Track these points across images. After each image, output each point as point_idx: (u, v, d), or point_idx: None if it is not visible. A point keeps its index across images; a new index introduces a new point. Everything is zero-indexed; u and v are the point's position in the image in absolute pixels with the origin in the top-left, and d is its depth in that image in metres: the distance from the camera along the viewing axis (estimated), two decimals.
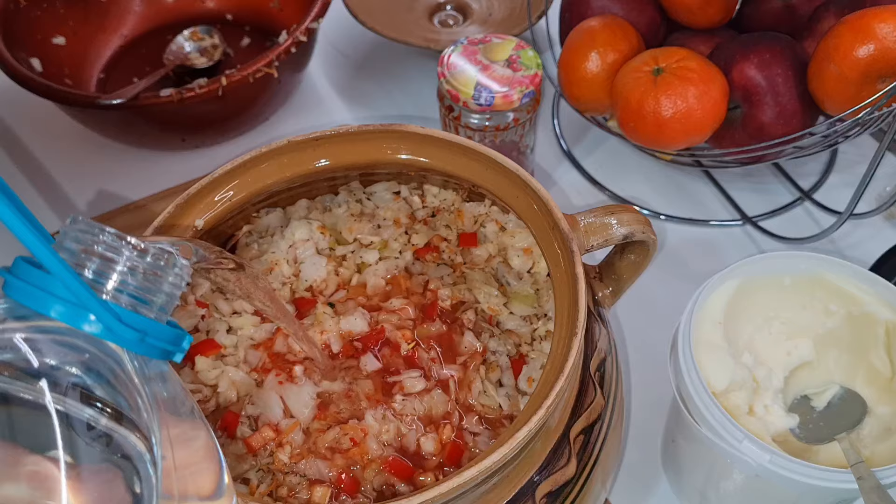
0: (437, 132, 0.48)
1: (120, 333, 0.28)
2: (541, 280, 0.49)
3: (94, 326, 0.27)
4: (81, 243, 0.28)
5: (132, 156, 0.80)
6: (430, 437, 0.42)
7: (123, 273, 0.28)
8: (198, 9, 0.91)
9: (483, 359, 0.46)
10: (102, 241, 0.28)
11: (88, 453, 0.26)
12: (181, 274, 0.30)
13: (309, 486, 0.41)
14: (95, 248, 0.28)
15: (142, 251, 0.29)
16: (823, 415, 0.50)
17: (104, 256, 0.28)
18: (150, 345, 0.29)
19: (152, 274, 0.29)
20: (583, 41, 0.68)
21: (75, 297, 0.27)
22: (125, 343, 0.28)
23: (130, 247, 0.28)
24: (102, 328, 0.27)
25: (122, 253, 0.28)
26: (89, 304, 0.27)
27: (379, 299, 0.48)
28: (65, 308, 0.27)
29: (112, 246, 0.28)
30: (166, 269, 0.29)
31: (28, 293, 0.27)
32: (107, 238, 0.28)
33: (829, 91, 0.60)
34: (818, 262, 0.51)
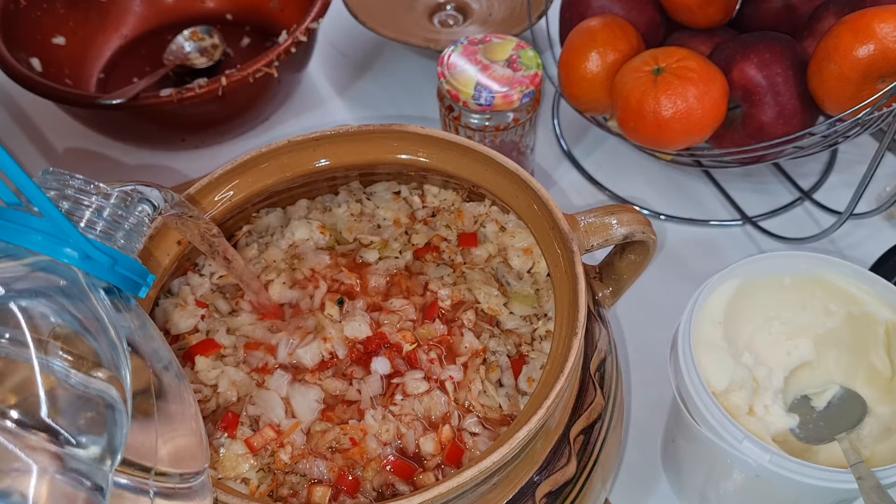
0: (437, 132, 0.48)
1: (95, 259, 0.30)
2: (541, 280, 0.49)
3: (72, 253, 0.29)
4: (54, 189, 0.31)
5: (132, 156, 0.80)
6: (430, 437, 0.42)
7: (92, 212, 0.31)
8: (198, 9, 0.91)
9: (483, 359, 0.46)
10: (72, 185, 0.31)
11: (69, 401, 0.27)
12: (142, 216, 0.33)
13: (309, 486, 0.41)
14: (67, 191, 0.31)
15: (107, 194, 0.31)
16: (823, 415, 0.50)
17: (75, 199, 0.31)
18: (120, 274, 0.31)
19: (118, 214, 0.32)
20: (583, 41, 0.68)
21: (53, 229, 0.29)
22: (99, 270, 0.30)
23: (97, 189, 0.31)
24: (79, 255, 0.29)
25: (91, 195, 0.31)
26: (69, 232, 0.29)
27: (380, 298, 0.48)
28: (43, 239, 0.29)
29: (82, 189, 0.31)
30: (130, 210, 0.32)
31: (7, 228, 0.29)
32: (76, 183, 0.31)
33: (829, 91, 0.60)
34: (818, 262, 0.51)
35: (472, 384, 0.44)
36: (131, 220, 0.32)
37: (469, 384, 0.44)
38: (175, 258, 0.46)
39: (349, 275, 0.49)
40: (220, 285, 0.49)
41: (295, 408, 0.44)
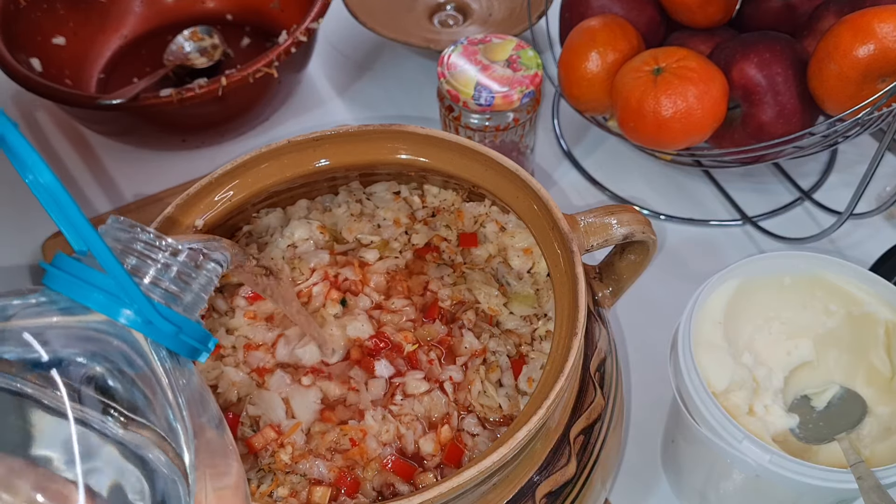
0: (437, 132, 0.48)
1: (159, 326, 0.28)
2: (541, 280, 0.49)
3: (134, 318, 0.27)
4: (121, 241, 0.29)
5: (132, 156, 0.80)
6: (430, 437, 0.42)
7: (158, 271, 0.29)
8: (198, 9, 0.91)
9: (483, 359, 0.46)
10: (141, 240, 0.29)
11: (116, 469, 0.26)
12: (211, 276, 0.31)
13: (309, 487, 0.41)
14: (134, 245, 0.29)
15: (175, 251, 0.29)
16: (823, 415, 0.50)
17: (142, 254, 0.29)
18: (183, 341, 0.29)
19: (184, 274, 0.30)
20: (583, 41, 0.68)
21: (115, 288, 0.27)
22: (162, 337, 0.28)
23: (166, 246, 0.29)
24: (142, 321, 0.27)
25: (158, 252, 0.29)
26: (133, 294, 0.27)
27: (381, 297, 0.48)
28: (105, 299, 0.27)
29: (149, 244, 0.29)
30: (198, 270, 0.30)
31: (69, 283, 0.27)
32: (145, 237, 0.29)
33: (829, 90, 0.60)
34: (818, 262, 0.51)
35: (472, 385, 0.44)
36: (200, 281, 0.30)
37: (469, 384, 0.44)
38: None
39: (357, 271, 0.49)
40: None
41: (294, 408, 0.44)
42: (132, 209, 0.75)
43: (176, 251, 0.29)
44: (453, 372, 0.45)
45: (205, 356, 0.30)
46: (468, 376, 0.45)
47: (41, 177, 0.26)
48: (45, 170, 0.26)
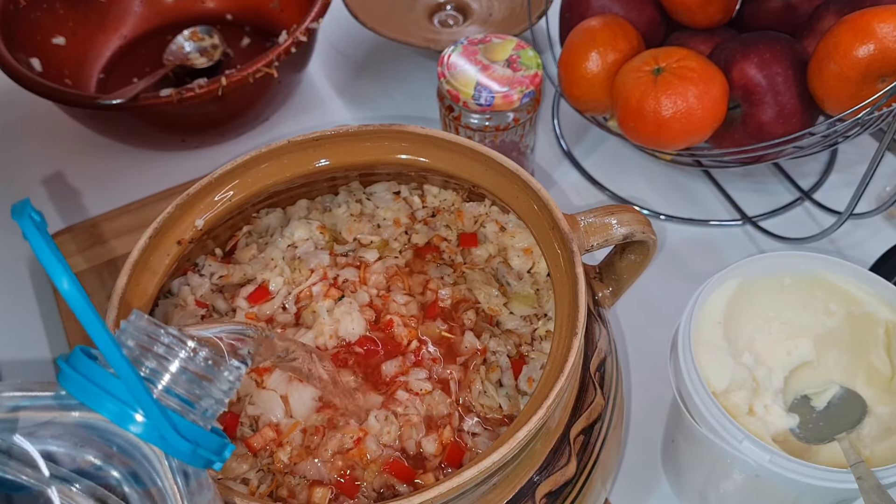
0: (437, 132, 0.48)
1: (174, 443, 0.26)
2: (541, 280, 0.49)
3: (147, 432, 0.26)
4: (140, 341, 0.28)
5: (132, 156, 0.80)
6: (431, 438, 0.42)
7: (177, 375, 0.27)
8: (198, 9, 0.91)
9: (483, 359, 0.46)
10: (162, 343, 0.27)
11: None
12: (232, 379, 0.29)
13: (309, 487, 0.41)
14: (154, 348, 0.27)
15: (196, 355, 0.28)
16: (823, 415, 0.50)
17: (161, 357, 0.27)
18: (200, 455, 0.28)
19: (205, 378, 0.28)
20: (583, 41, 0.68)
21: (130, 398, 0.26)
22: (177, 453, 0.27)
23: (188, 348, 0.28)
24: (156, 435, 0.26)
25: (180, 355, 0.28)
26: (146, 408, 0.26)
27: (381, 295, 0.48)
28: (117, 408, 0.26)
29: (171, 347, 0.28)
30: (219, 374, 0.29)
31: (82, 387, 0.26)
32: (167, 339, 0.28)
33: (829, 90, 0.60)
34: (818, 262, 0.51)
35: (473, 384, 0.44)
36: (221, 386, 0.28)
37: (469, 384, 0.44)
38: (175, 258, 0.46)
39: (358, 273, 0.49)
40: (220, 285, 0.50)
41: (292, 406, 0.44)
42: (132, 209, 0.75)
43: (196, 351, 0.28)
44: (455, 371, 0.45)
45: (219, 466, 0.29)
46: (468, 376, 0.45)
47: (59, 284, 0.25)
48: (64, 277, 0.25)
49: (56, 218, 0.75)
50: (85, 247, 0.72)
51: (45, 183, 0.79)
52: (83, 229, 0.73)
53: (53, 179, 0.79)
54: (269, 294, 0.49)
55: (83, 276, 0.69)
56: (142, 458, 0.26)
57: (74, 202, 0.76)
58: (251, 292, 0.48)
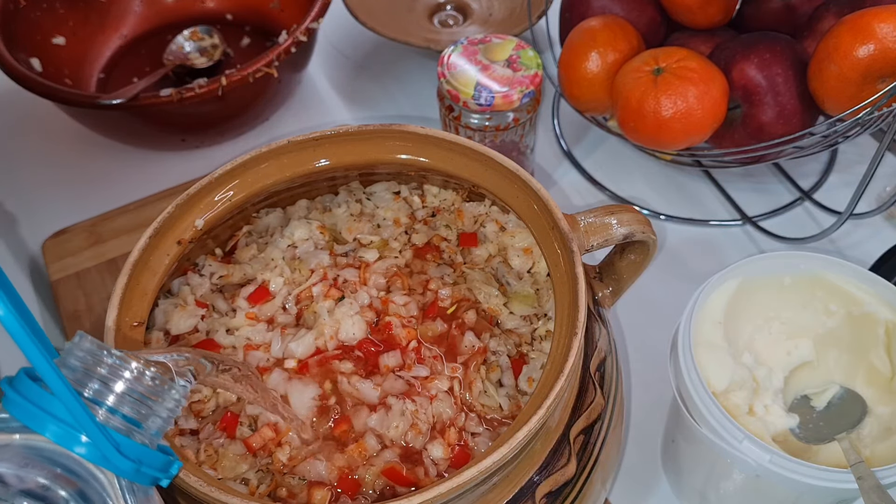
0: (437, 132, 0.48)
1: (116, 463, 0.27)
2: (541, 280, 0.49)
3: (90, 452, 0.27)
4: (84, 363, 0.28)
5: (132, 156, 0.80)
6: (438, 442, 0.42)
7: (122, 396, 0.28)
8: (198, 9, 0.91)
9: (483, 359, 0.46)
10: (106, 363, 0.28)
11: None
12: (179, 399, 0.30)
13: (309, 488, 0.41)
14: (98, 369, 0.28)
15: (141, 375, 0.28)
16: (823, 415, 0.50)
17: (105, 378, 0.28)
18: (144, 473, 0.28)
19: (151, 398, 0.29)
20: (583, 41, 0.68)
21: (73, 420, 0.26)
22: (120, 472, 0.27)
23: (133, 369, 0.28)
24: (99, 455, 0.27)
25: (124, 375, 0.28)
26: (88, 429, 0.26)
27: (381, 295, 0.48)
28: (60, 430, 0.27)
29: (115, 367, 0.28)
30: (165, 393, 0.29)
31: (26, 410, 0.27)
32: (111, 360, 0.28)
33: (829, 91, 0.60)
34: (818, 262, 0.51)
35: (473, 384, 0.44)
36: (167, 405, 0.29)
37: (470, 384, 0.44)
38: (175, 258, 0.46)
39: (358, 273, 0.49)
40: (220, 285, 0.49)
41: (292, 404, 0.44)
42: (132, 209, 0.75)
43: (141, 374, 0.28)
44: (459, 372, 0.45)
45: (166, 482, 0.30)
46: (469, 376, 0.45)
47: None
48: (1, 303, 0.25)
49: (56, 218, 0.75)
50: (85, 247, 0.72)
51: (45, 183, 0.79)
52: (83, 229, 0.73)
53: (53, 179, 0.79)
54: (270, 294, 0.49)
55: (84, 276, 0.70)
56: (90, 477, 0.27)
57: (74, 202, 0.76)
58: (251, 292, 0.48)
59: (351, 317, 0.46)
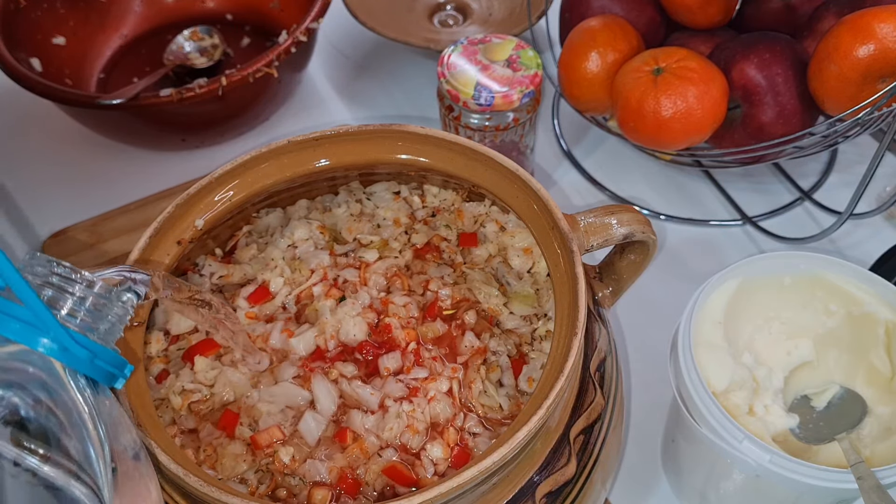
0: (437, 132, 0.48)
1: (74, 352, 0.29)
2: (541, 280, 0.49)
3: (50, 345, 0.29)
4: (38, 276, 0.30)
5: (132, 156, 0.80)
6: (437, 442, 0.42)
7: (74, 301, 0.31)
8: (198, 9, 0.91)
9: (483, 359, 0.46)
10: (57, 273, 0.31)
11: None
12: (126, 307, 0.32)
13: (309, 489, 0.41)
14: (51, 279, 0.30)
15: (91, 283, 0.31)
16: (823, 415, 0.50)
17: (58, 287, 0.30)
18: (99, 367, 0.31)
19: (99, 304, 0.31)
20: (583, 41, 0.68)
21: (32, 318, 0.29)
22: (77, 363, 0.30)
23: (82, 278, 0.31)
24: (57, 347, 0.29)
25: (74, 284, 0.31)
26: (49, 322, 0.29)
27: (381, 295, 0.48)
28: (21, 328, 0.29)
29: (66, 277, 0.31)
30: (113, 301, 0.32)
31: None
32: (61, 270, 0.31)
33: (829, 91, 0.60)
34: (818, 262, 0.51)
35: (473, 384, 0.44)
36: (115, 311, 0.32)
37: (470, 384, 0.44)
38: (175, 258, 0.46)
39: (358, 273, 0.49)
40: (220, 285, 0.49)
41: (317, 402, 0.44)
42: (132, 209, 0.75)
43: (91, 283, 0.31)
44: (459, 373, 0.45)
45: (120, 382, 0.32)
46: (469, 376, 0.45)
47: None
48: None
49: (56, 218, 0.75)
50: (85, 246, 0.72)
51: (45, 183, 0.79)
52: (83, 229, 0.73)
53: (53, 179, 0.79)
54: (270, 294, 0.49)
55: None
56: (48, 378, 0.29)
57: (74, 202, 0.76)
58: (251, 292, 0.48)
59: (353, 317, 0.46)
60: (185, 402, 0.43)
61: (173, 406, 0.43)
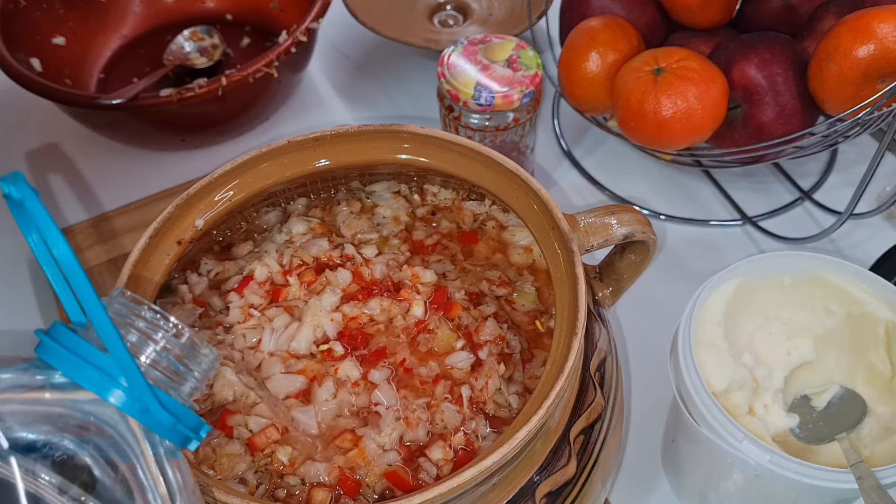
0: (437, 132, 0.48)
1: (156, 415, 0.26)
2: (541, 278, 0.49)
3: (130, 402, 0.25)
4: (122, 316, 0.27)
5: (132, 156, 0.80)
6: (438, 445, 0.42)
7: (160, 352, 0.27)
8: (198, 9, 0.91)
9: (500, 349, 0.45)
10: (143, 318, 0.27)
11: None
12: (212, 360, 0.29)
13: (310, 489, 0.41)
14: (137, 322, 0.27)
15: (179, 333, 0.28)
16: (823, 415, 0.50)
17: (143, 332, 0.27)
18: (179, 431, 0.27)
19: (186, 358, 0.28)
20: (583, 41, 0.68)
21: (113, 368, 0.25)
22: (158, 426, 0.26)
23: (171, 326, 0.27)
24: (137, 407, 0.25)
25: (161, 331, 0.27)
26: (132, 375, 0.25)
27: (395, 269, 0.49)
28: (99, 377, 0.25)
29: (153, 322, 0.27)
30: (199, 355, 0.28)
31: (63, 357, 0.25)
32: (148, 315, 0.27)
33: (829, 91, 0.60)
34: (818, 262, 0.51)
35: (491, 379, 0.44)
36: (202, 367, 0.28)
37: (487, 378, 0.44)
38: (175, 258, 0.46)
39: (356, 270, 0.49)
40: (217, 282, 0.50)
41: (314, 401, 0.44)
42: (132, 209, 0.75)
43: (180, 332, 0.28)
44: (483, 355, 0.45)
45: (195, 445, 0.28)
46: (486, 367, 0.44)
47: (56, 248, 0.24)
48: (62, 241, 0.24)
49: (56, 218, 0.75)
50: (85, 246, 0.72)
51: (45, 183, 0.79)
52: (83, 229, 0.73)
53: (53, 179, 0.79)
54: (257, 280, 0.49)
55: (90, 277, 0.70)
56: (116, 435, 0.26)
57: (74, 202, 0.76)
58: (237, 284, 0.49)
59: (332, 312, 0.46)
60: None
61: None
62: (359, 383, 0.44)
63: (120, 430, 0.26)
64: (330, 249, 0.50)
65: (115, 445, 0.25)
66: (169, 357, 0.27)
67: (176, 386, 0.28)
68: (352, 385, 0.44)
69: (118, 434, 0.26)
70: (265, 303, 0.48)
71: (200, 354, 0.28)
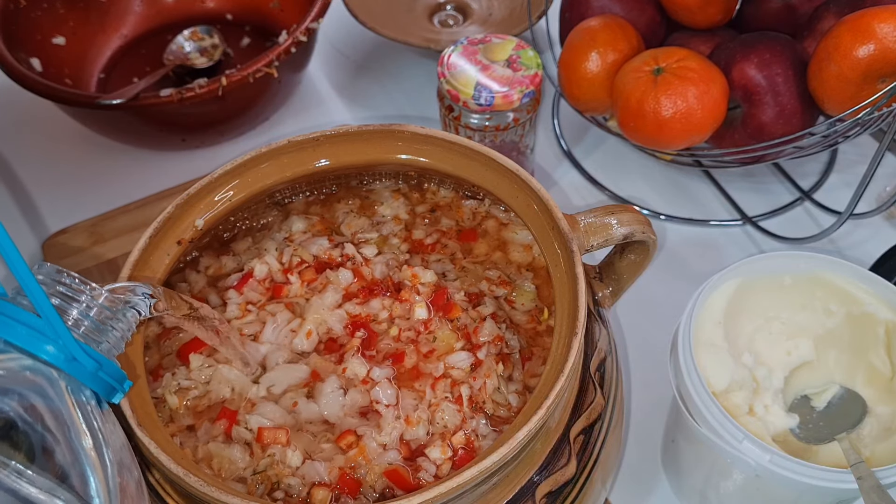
0: (437, 132, 0.48)
1: (82, 362, 0.29)
2: (541, 276, 0.49)
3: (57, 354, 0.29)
4: (46, 284, 0.31)
5: (132, 156, 0.80)
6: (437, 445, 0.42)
7: (81, 312, 0.31)
8: (198, 9, 0.91)
9: (499, 349, 0.45)
10: (64, 283, 0.31)
11: None
12: (130, 321, 0.33)
13: (310, 489, 0.41)
14: (59, 288, 0.31)
15: (97, 295, 0.31)
16: (823, 415, 0.50)
17: (66, 296, 0.31)
18: (102, 379, 0.30)
19: (106, 318, 0.31)
20: (583, 41, 0.68)
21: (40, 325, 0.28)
22: (83, 374, 0.29)
23: (90, 290, 0.31)
24: (64, 357, 0.29)
25: (82, 295, 0.31)
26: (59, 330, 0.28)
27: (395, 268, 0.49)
28: (27, 333, 0.28)
29: (74, 287, 0.31)
30: (118, 315, 0.32)
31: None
32: (69, 280, 0.31)
33: (829, 91, 0.60)
34: (818, 262, 0.51)
35: (489, 378, 0.44)
36: (120, 326, 0.32)
37: (486, 377, 0.44)
38: (175, 258, 0.46)
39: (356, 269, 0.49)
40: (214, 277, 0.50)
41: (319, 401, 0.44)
42: (132, 209, 0.75)
43: (98, 295, 0.31)
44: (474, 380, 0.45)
45: (119, 396, 0.32)
46: (485, 366, 0.44)
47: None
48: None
49: (56, 218, 0.75)
50: (85, 247, 0.72)
51: (45, 183, 0.79)
52: (83, 229, 0.73)
53: (53, 179, 0.79)
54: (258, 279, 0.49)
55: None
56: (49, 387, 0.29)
57: (74, 202, 0.76)
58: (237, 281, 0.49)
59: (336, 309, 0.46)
60: (182, 401, 0.43)
61: (170, 405, 0.43)
62: (367, 381, 0.44)
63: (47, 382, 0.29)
64: (330, 248, 0.50)
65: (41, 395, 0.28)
66: (89, 317, 0.31)
67: (98, 342, 0.31)
68: (361, 382, 0.44)
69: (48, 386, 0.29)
70: (264, 300, 0.48)
71: (119, 315, 0.32)
